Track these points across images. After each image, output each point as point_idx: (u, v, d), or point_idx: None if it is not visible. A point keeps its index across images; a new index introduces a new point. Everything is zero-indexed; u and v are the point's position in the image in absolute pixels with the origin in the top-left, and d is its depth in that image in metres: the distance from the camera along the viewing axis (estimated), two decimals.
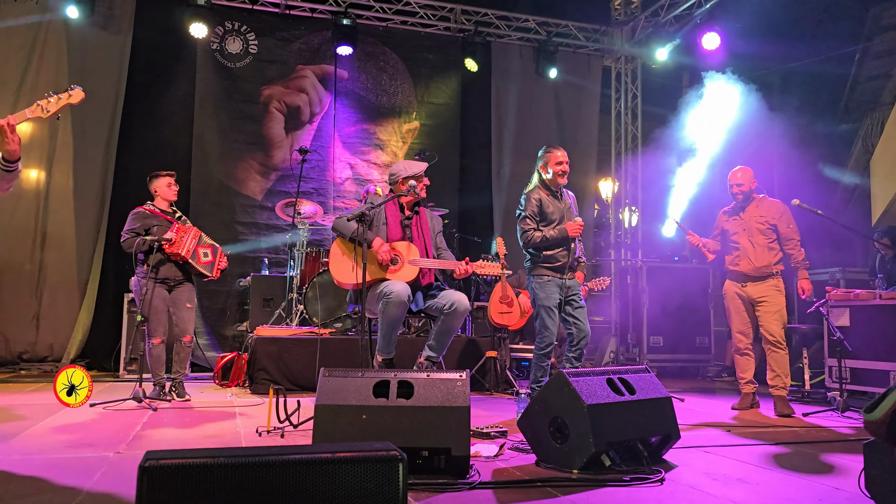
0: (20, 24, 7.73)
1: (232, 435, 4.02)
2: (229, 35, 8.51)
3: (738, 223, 5.50)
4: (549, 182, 5.01)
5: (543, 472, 3.15)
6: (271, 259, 8.14)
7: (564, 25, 9.66)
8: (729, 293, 5.52)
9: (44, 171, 7.77)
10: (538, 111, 9.71)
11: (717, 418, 4.98)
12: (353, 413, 3.00)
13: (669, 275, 8.44)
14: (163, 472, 1.62)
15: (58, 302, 7.71)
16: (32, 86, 7.67)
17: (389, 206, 4.57)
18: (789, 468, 3.34)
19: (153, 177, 5.53)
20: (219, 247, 5.43)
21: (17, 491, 2.70)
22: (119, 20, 8.07)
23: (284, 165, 8.58)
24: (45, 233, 7.72)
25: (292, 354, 6.01)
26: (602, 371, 3.43)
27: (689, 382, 7.70)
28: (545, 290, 4.88)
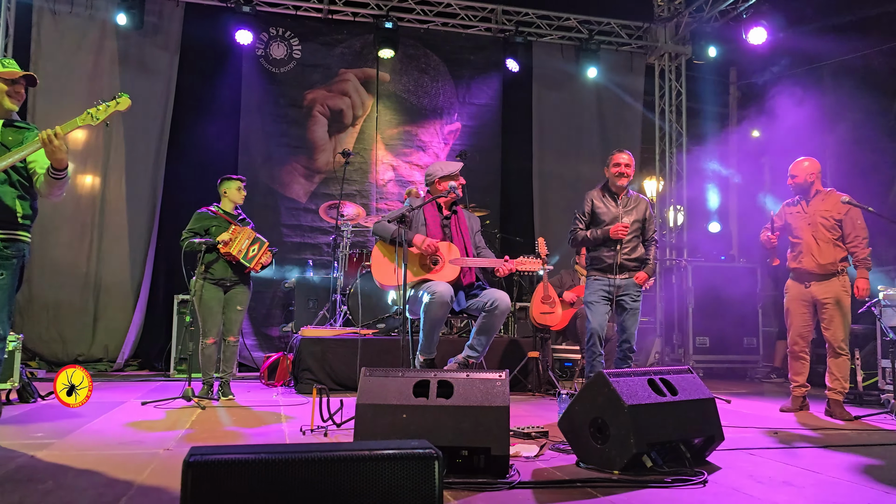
0: (79, 37, 8.02)
1: (277, 433, 4.10)
2: (274, 41, 8.68)
3: (802, 217, 5.21)
4: (610, 184, 5.12)
5: (584, 472, 3.14)
6: (315, 261, 8.27)
7: (606, 23, 9.58)
8: (791, 293, 5.28)
9: (99, 177, 8.05)
10: (580, 110, 9.66)
11: (763, 420, 4.88)
12: (394, 412, 3.03)
13: (716, 274, 8.30)
14: (206, 467, 1.68)
15: (112, 304, 7.98)
16: (89, 92, 7.94)
17: (427, 207, 4.61)
18: (838, 472, 3.26)
19: (224, 179, 5.69)
20: (266, 243, 5.53)
21: (74, 484, 2.80)
22: (168, 29, 8.32)
23: (328, 168, 8.71)
24: (100, 236, 8.00)
25: (336, 354, 6.10)
26: (643, 371, 3.40)
27: (737, 384, 7.55)
28: (590, 287, 5.07)
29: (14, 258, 3.34)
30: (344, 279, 7.09)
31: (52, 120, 7.78)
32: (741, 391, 6.78)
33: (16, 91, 3.43)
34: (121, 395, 5.67)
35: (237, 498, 1.70)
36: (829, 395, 5.06)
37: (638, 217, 5.11)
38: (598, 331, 4.94)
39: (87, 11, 8.08)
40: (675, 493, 2.85)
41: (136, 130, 8.12)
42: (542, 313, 6.32)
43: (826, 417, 4.98)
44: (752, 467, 3.32)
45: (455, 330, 6.81)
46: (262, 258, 5.47)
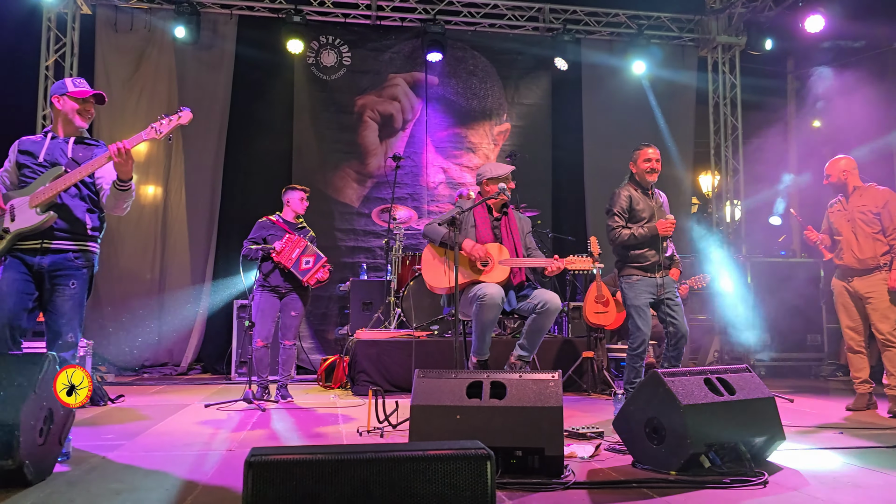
0: (139, 52, 8.33)
1: (334, 434, 4.19)
2: (324, 49, 8.84)
3: (842, 214, 5.24)
4: (639, 179, 4.97)
5: (640, 473, 3.12)
6: (369, 264, 8.39)
7: (656, 17, 9.43)
8: (836, 289, 5.29)
9: (161, 188, 8.35)
10: (631, 106, 9.52)
11: (828, 419, 4.73)
12: (448, 413, 3.06)
13: (776, 270, 8.08)
14: (267, 467, 1.74)
15: (176, 309, 8.25)
16: (148, 108, 8.27)
17: (478, 208, 4.63)
18: None
19: (288, 188, 5.87)
20: (323, 258, 5.62)
21: (142, 484, 2.93)
22: (222, 41, 8.56)
23: (379, 172, 8.82)
24: (163, 245, 8.30)
25: (391, 356, 6.17)
26: (699, 371, 3.35)
27: (801, 382, 7.34)
28: (634, 289, 4.83)
29: (84, 268, 3.51)
30: (397, 281, 7.17)
31: (115, 135, 8.15)
32: (805, 390, 6.59)
33: (86, 110, 3.60)
34: (185, 398, 5.87)
35: (296, 497, 1.76)
36: (887, 393, 4.92)
37: (666, 213, 5.02)
38: (649, 336, 4.82)
39: (147, 28, 8.39)
40: (734, 493, 2.80)
41: (195, 141, 8.38)
42: (596, 313, 6.27)
43: (888, 416, 4.79)
44: (816, 468, 3.24)
45: (508, 331, 6.81)
46: (318, 274, 5.57)
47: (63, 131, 3.59)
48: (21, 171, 3.49)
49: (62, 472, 3.11)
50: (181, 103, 8.36)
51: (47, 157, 3.49)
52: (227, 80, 8.54)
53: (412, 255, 7.22)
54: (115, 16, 8.33)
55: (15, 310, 3.35)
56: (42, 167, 3.46)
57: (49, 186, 3.37)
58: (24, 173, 3.47)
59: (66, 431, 3.22)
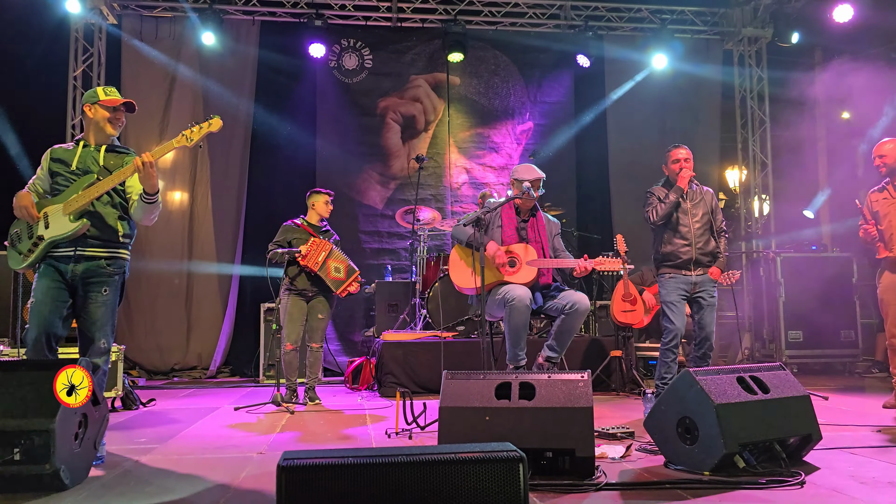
0: (164, 61, 8.44)
1: (363, 436, 4.19)
2: (346, 52, 8.88)
3: (890, 203, 4.93)
4: (672, 180, 4.97)
5: (672, 473, 3.07)
6: (394, 266, 8.41)
7: (680, 11, 9.32)
8: (886, 283, 4.97)
9: (187, 193, 8.44)
10: (656, 102, 9.42)
11: (865, 418, 4.64)
12: (477, 415, 3.05)
13: (807, 265, 7.95)
14: (300, 471, 1.75)
15: (203, 313, 8.34)
16: (175, 114, 8.38)
17: (505, 209, 4.62)
18: None
19: (313, 192, 5.89)
20: (356, 271, 5.63)
21: (175, 487, 2.95)
22: (245, 46, 8.63)
23: (402, 174, 8.83)
24: (190, 249, 8.39)
25: (417, 358, 6.17)
26: (732, 369, 3.30)
27: (835, 380, 7.21)
28: (666, 286, 4.87)
29: (116, 275, 3.55)
30: (422, 283, 7.17)
31: (143, 143, 8.27)
32: (840, 387, 6.47)
33: (116, 118, 3.64)
34: (214, 401, 5.92)
35: (329, 500, 1.76)
36: None
37: (706, 209, 4.95)
38: (681, 331, 4.80)
39: (171, 36, 8.49)
40: (770, 494, 2.75)
41: (220, 146, 8.46)
42: (623, 311, 6.21)
43: None
44: (854, 467, 3.17)
45: (535, 331, 6.78)
46: (350, 287, 5.58)
47: (94, 139, 3.63)
48: (54, 179, 3.55)
49: (97, 476, 3.15)
50: (206, 109, 8.48)
51: (80, 165, 3.54)
52: (251, 85, 8.61)
53: (437, 256, 7.22)
54: (140, 25, 8.45)
55: (50, 318, 3.40)
56: (75, 175, 3.51)
57: (82, 194, 3.42)
58: (58, 181, 3.52)
59: (100, 436, 3.26)
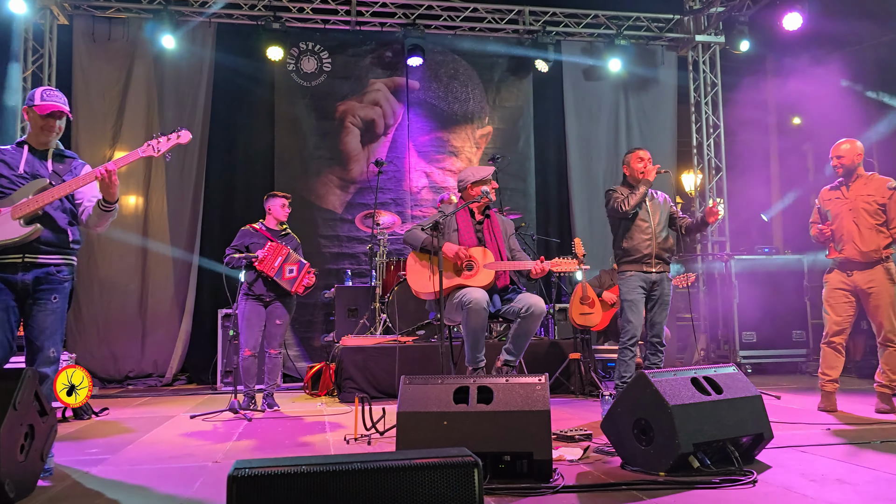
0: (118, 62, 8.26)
1: (322, 443, 4.15)
2: (304, 55, 8.80)
3: (843, 203, 4.96)
4: (632, 180, 5.05)
5: (629, 474, 3.11)
6: (354, 270, 8.36)
7: (636, 18, 9.47)
8: (831, 283, 4.99)
9: (142, 197, 8.26)
10: (613, 106, 9.56)
11: (814, 416, 4.76)
12: (435, 419, 3.04)
13: (760, 267, 8.13)
14: (251, 481, 1.71)
15: (159, 320, 8.17)
16: (129, 117, 8.21)
17: (460, 212, 4.62)
18: (894, 467, 3.17)
19: (270, 196, 5.82)
20: (306, 264, 5.59)
21: (126, 499, 2.88)
22: (201, 48, 8.49)
23: (362, 178, 8.79)
24: (144, 254, 8.20)
25: (377, 363, 6.14)
26: (686, 370, 3.35)
27: (787, 379, 7.38)
28: (627, 284, 4.97)
29: (66, 282, 3.46)
30: (382, 287, 7.14)
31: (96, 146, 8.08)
32: (791, 386, 6.62)
33: (48, 125, 3.53)
34: (170, 410, 5.80)
35: None
36: (876, 389, 4.86)
37: (664, 209, 5.12)
38: (640, 330, 4.85)
39: (125, 37, 8.30)
40: (723, 493, 2.80)
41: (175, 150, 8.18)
42: (582, 314, 6.27)
43: (878, 415, 4.79)
44: (805, 465, 3.25)
45: (495, 334, 6.80)
46: (304, 280, 5.53)
47: (36, 143, 3.54)
48: None
49: (44, 488, 3.05)
50: (161, 112, 8.32)
51: (27, 168, 3.43)
52: (207, 88, 8.47)
53: (396, 261, 7.20)
54: (92, 26, 8.24)
55: (3, 341, 3.29)
56: (23, 179, 3.40)
57: (34, 199, 3.31)
58: (1, 184, 3.40)
59: (48, 447, 3.16)
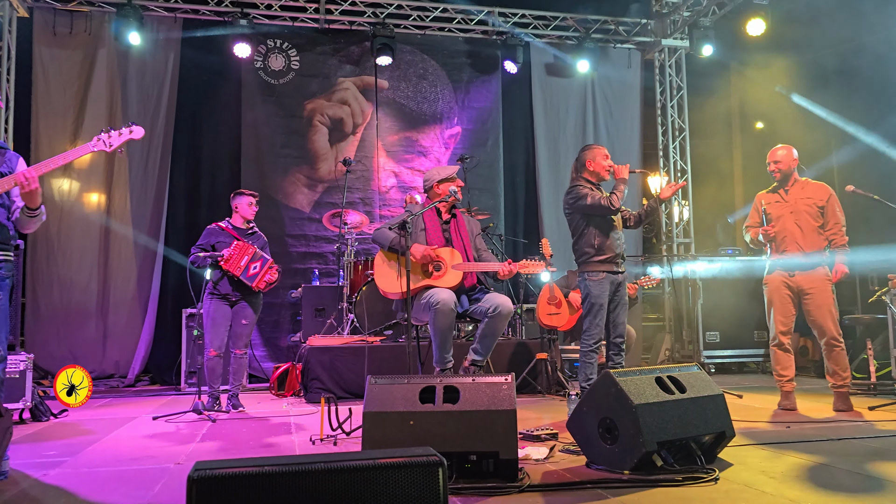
0: (79, 56, 8.08)
1: (287, 444, 4.11)
2: (272, 52, 8.71)
3: (783, 206, 5.10)
4: (596, 180, 4.86)
5: (594, 473, 3.13)
6: (321, 270, 8.29)
7: (603, 21, 9.56)
8: (773, 283, 5.08)
9: (104, 195, 8.10)
10: (581, 109, 9.64)
11: (775, 415, 4.85)
12: (401, 419, 3.03)
13: (724, 269, 8.26)
14: (211, 482, 1.68)
15: (121, 319, 8.01)
16: (91, 113, 8.03)
17: (427, 212, 4.62)
18: (851, 464, 3.24)
19: (237, 194, 5.74)
20: (269, 260, 5.53)
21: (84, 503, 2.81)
22: (166, 44, 8.35)
23: (330, 177, 8.73)
24: (106, 252, 8.04)
25: (344, 363, 6.10)
26: (650, 370, 3.38)
27: (749, 378, 7.51)
28: (600, 286, 4.70)
29: (7, 278, 3.36)
30: (350, 287, 7.10)
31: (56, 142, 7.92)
32: (753, 385, 6.74)
33: None
34: (132, 411, 5.70)
35: None
36: (834, 391, 4.97)
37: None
38: (602, 333, 4.78)
39: (87, 31, 8.13)
40: (686, 491, 2.83)
41: (139, 146, 8.16)
42: (549, 314, 6.31)
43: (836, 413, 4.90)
44: (765, 462, 3.30)
45: (463, 334, 6.80)
46: (266, 276, 5.46)
47: None
48: None
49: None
50: (124, 108, 8.17)
51: None
52: (173, 84, 8.33)
53: (364, 260, 7.16)
54: (53, 19, 8.05)
55: None
56: None
57: None
58: None
59: (2, 449, 3.08)
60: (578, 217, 4.82)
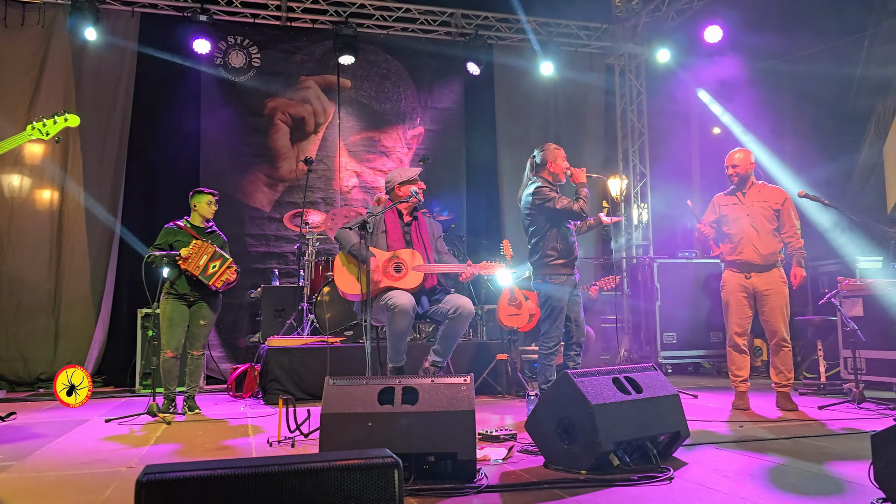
0: (28, 48, 7.85)
1: (244, 446, 4.05)
2: (232, 49, 8.59)
3: (740, 209, 5.19)
4: (553, 181, 4.86)
5: (552, 473, 3.15)
6: (281, 270, 8.20)
7: (566, 25, 9.66)
8: (730, 285, 5.16)
9: (56, 192, 7.88)
10: (543, 111, 9.72)
11: (730, 415, 4.94)
12: (359, 421, 3.01)
13: (681, 270, 8.40)
14: (160, 486, 1.64)
15: (74, 320, 7.80)
16: (43, 108, 7.76)
17: (388, 213, 4.60)
18: (803, 462, 3.31)
19: (196, 192, 5.64)
20: (229, 259, 5.45)
21: None
22: (124, 39, 8.16)
23: (291, 176, 8.64)
24: (59, 251, 7.83)
25: (303, 364, 6.04)
26: (608, 370, 3.42)
27: (705, 379, 7.65)
28: (562, 289, 4.72)
29: None
30: (310, 287, 7.04)
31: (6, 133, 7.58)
32: (708, 386, 6.86)
33: None
34: (84, 413, 5.55)
35: None
36: (777, 390, 5.09)
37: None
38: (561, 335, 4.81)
39: (40, 23, 7.91)
40: (641, 490, 2.87)
41: (95, 142, 7.97)
42: (510, 315, 6.33)
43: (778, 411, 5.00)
44: (718, 462, 3.36)
45: (424, 335, 6.79)
46: (224, 276, 5.38)
47: None
48: None
49: None
50: (79, 102, 7.96)
51: None
52: (130, 79, 8.15)
53: (325, 261, 7.10)
54: (4, 10, 7.81)
55: None
56: None
57: None
58: None
59: None
60: (542, 219, 4.80)
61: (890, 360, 5.66)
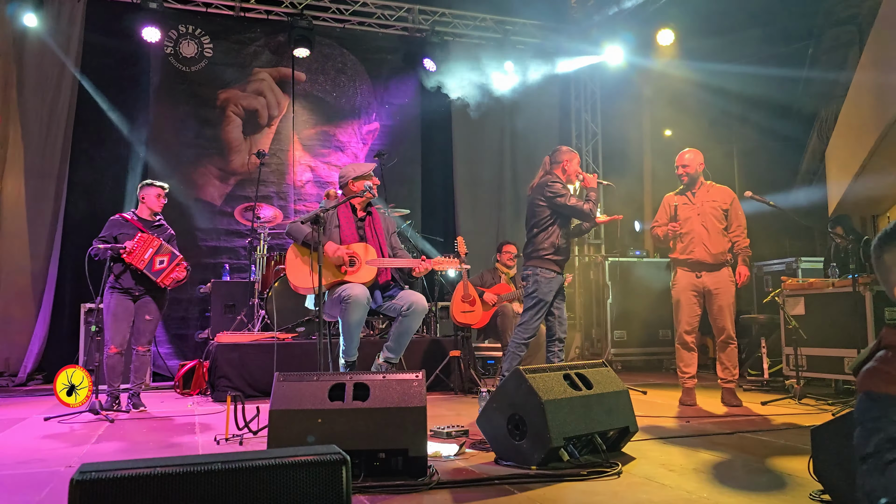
0: None
1: (190, 444, 3.96)
2: (183, 39, 8.39)
3: (691, 208, 5.28)
4: (567, 179, 4.97)
5: (502, 469, 3.15)
6: (232, 265, 8.04)
7: (522, 24, 9.69)
8: (681, 284, 5.25)
9: None
10: (498, 110, 9.72)
11: (677, 410, 5.04)
12: (309, 417, 2.97)
13: (632, 269, 8.54)
14: (96, 485, 1.58)
15: (12, 314, 7.52)
16: None
17: (342, 208, 4.55)
18: (746, 456, 3.39)
19: (145, 185, 5.48)
20: (179, 256, 5.32)
21: None
22: (68, 24, 7.89)
23: (243, 170, 8.49)
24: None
25: (254, 360, 5.94)
26: (559, 367, 3.44)
27: (653, 376, 7.78)
28: (549, 285, 4.82)
29: None
30: (262, 283, 6.92)
31: None
32: (657, 382, 6.98)
33: None
34: (22, 412, 5.37)
35: None
36: (722, 385, 5.21)
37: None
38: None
39: None
40: (590, 485, 2.89)
41: (37, 130, 7.69)
42: (463, 312, 6.33)
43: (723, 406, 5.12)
44: (665, 456, 3.41)
45: (377, 331, 6.75)
46: (173, 273, 5.24)
47: None
48: None
49: None
50: (20, 91, 7.67)
51: None
52: (75, 67, 7.87)
53: (277, 256, 7.00)
54: None
55: None
56: None
57: None
58: None
59: None
60: (549, 212, 4.87)
61: (830, 357, 5.84)
